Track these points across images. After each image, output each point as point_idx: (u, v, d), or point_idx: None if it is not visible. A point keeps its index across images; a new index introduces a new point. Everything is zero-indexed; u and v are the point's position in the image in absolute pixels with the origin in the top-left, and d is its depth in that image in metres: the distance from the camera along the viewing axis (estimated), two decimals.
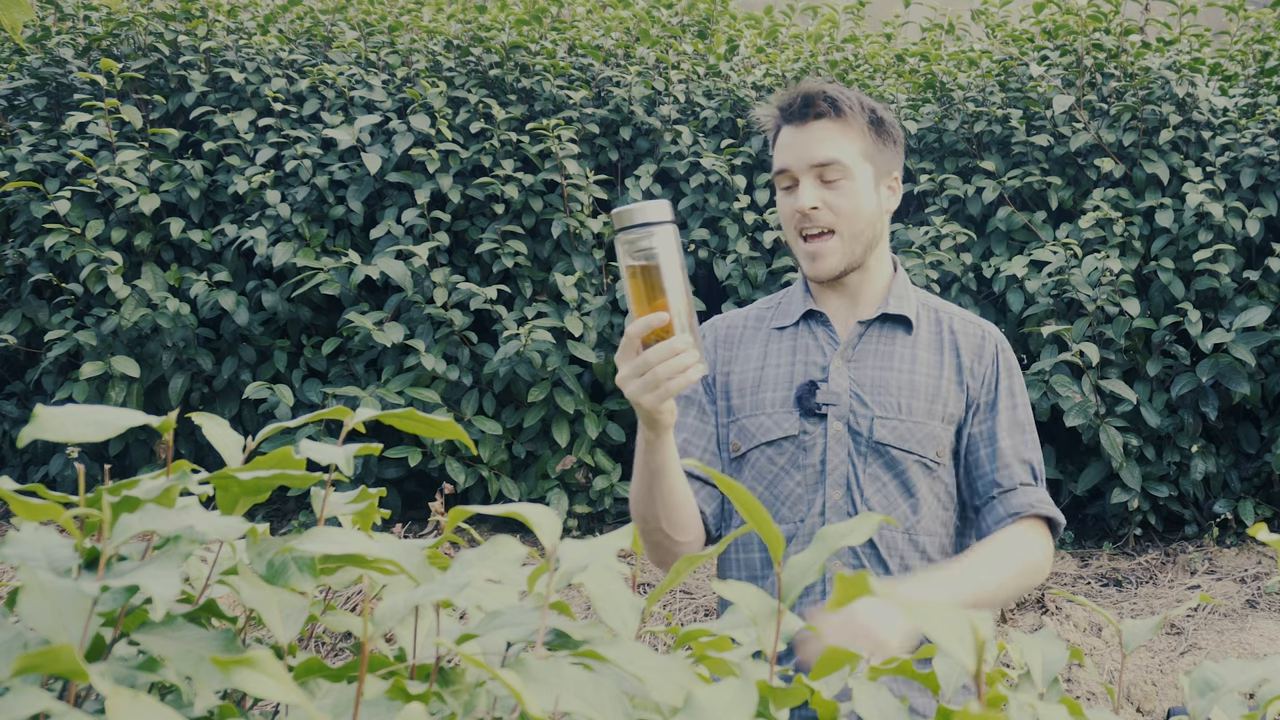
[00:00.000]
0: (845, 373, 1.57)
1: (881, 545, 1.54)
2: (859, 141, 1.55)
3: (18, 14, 2.09)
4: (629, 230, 1.24)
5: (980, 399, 1.59)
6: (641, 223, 1.23)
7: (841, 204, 1.53)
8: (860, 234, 1.55)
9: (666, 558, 1.52)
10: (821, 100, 1.54)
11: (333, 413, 0.75)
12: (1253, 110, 4.22)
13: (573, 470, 4.11)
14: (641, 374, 1.26)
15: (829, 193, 1.53)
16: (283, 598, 0.63)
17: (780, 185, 1.57)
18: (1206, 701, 0.68)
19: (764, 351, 1.63)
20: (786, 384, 1.58)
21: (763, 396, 1.59)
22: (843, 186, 1.53)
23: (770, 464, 1.57)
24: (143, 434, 4.12)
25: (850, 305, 1.62)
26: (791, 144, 1.55)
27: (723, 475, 0.64)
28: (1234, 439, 4.14)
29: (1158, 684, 3.14)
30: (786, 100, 1.57)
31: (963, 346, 1.60)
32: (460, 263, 4.26)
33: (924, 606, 0.47)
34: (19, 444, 0.61)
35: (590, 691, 0.53)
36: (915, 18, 4.98)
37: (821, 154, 1.52)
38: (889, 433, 1.54)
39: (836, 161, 1.52)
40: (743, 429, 1.60)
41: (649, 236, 1.23)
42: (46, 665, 0.46)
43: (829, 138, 1.53)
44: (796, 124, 1.55)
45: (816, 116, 1.54)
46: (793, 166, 1.54)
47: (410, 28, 4.54)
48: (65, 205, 3.98)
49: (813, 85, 1.56)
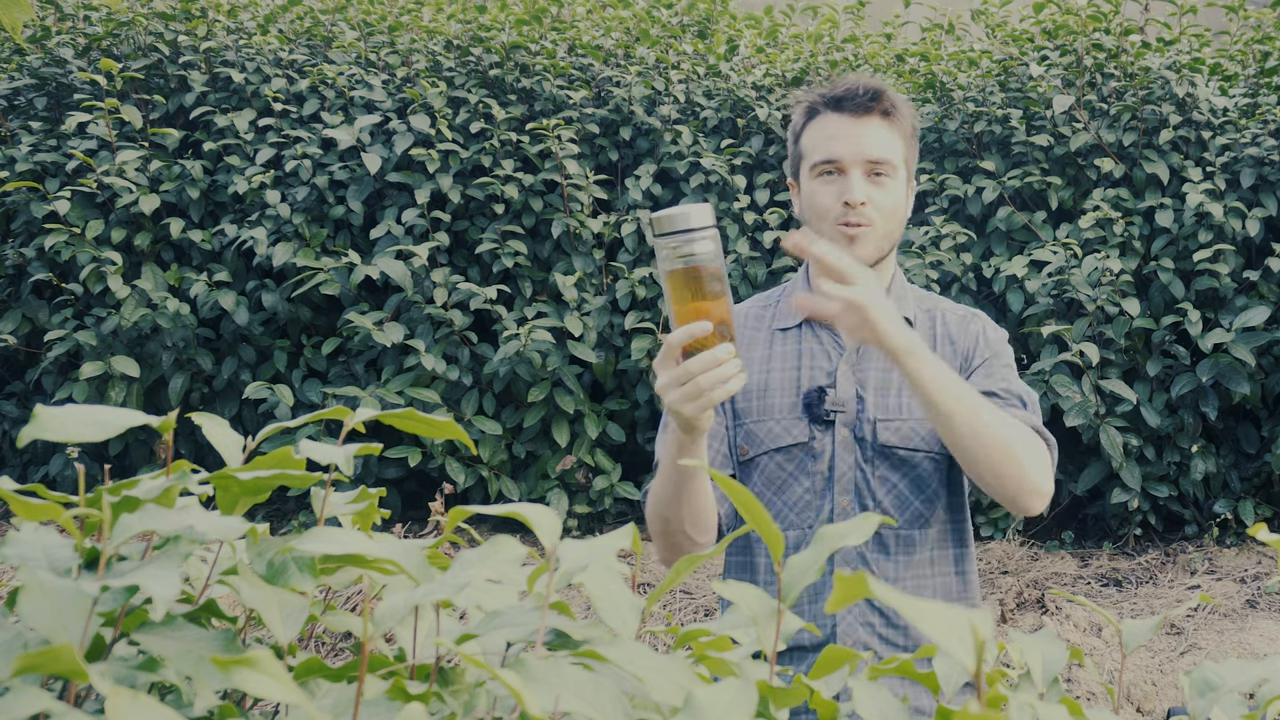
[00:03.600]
0: (852, 378, 1.57)
1: (890, 537, 1.55)
2: (902, 145, 1.56)
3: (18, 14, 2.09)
4: (671, 235, 1.21)
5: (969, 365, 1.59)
6: (686, 229, 1.20)
7: (885, 202, 1.53)
8: (891, 234, 1.57)
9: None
10: (885, 98, 1.54)
11: (333, 413, 0.75)
12: (1253, 110, 4.22)
13: (573, 470, 4.11)
14: (683, 383, 1.24)
15: (875, 189, 1.53)
16: (283, 598, 0.63)
17: (819, 171, 1.55)
18: (1206, 701, 0.68)
19: (768, 354, 1.62)
20: (794, 390, 1.58)
21: (770, 402, 1.59)
22: (888, 185, 1.54)
23: (779, 470, 1.57)
24: (143, 434, 4.12)
25: None
26: (844, 135, 1.54)
27: (724, 476, 0.64)
28: (1234, 439, 4.14)
29: (1158, 684, 3.14)
30: (845, 90, 1.56)
31: (955, 335, 1.61)
32: (460, 263, 4.26)
33: (924, 606, 0.47)
34: (19, 444, 0.61)
35: (590, 691, 0.53)
36: (915, 18, 4.98)
37: (878, 151, 1.53)
38: (893, 434, 1.54)
39: (889, 160, 1.53)
40: (750, 434, 1.59)
41: (691, 242, 1.20)
42: (46, 665, 0.46)
43: (884, 136, 1.54)
44: (851, 114, 1.54)
45: (882, 114, 1.54)
46: (845, 157, 1.53)
47: (410, 28, 4.54)
48: (65, 205, 3.98)
49: (873, 81, 1.56)
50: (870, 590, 0.49)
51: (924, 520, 1.56)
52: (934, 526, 1.57)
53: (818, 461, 1.55)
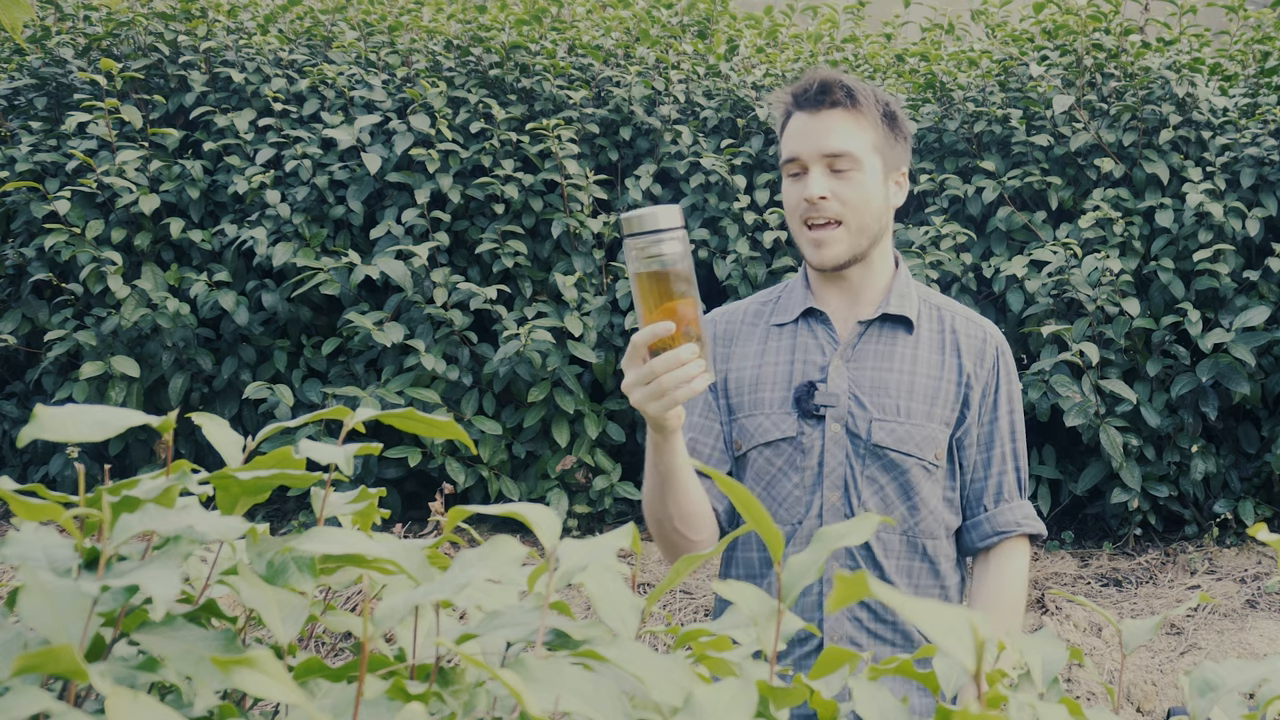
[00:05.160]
0: (844, 373, 1.56)
1: (878, 547, 1.53)
2: (871, 134, 1.52)
3: (18, 13, 2.09)
4: (638, 236, 1.21)
5: (979, 403, 1.58)
6: (652, 229, 1.21)
7: (850, 195, 1.51)
8: (866, 227, 1.53)
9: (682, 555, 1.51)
10: (838, 89, 1.52)
11: (332, 413, 0.75)
12: (1253, 110, 4.22)
13: (573, 470, 4.11)
14: (647, 382, 1.25)
15: (838, 183, 1.51)
16: (283, 598, 0.63)
17: (788, 173, 1.55)
18: (1206, 701, 0.68)
19: (762, 349, 1.61)
20: (785, 384, 1.57)
21: (761, 396, 1.58)
22: (852, 178, 1.51)
23: (768, 465, 1.56)
24: (143, 434, 4.12)
25: (851, 303, 1.60)
26: (803, 131, 1.52)
27: (723, 475, 0.64)
28: (1234, 439, 4.14)
29: (1158, 684, 3.14)
30: (801, 87, 1.54)
31: (964, 349, 1.59)
32: (460, 263, 4.26)
33: (923, 606, 0.47)
34: (19, 444, 0.61)
35: (590, 691, 0.53)
36: (915, 18, 4.98)
37: (834, 144, 1.50)
38: (887, 435, 1.53)
39: (848, 153, 1.50)
40: (742, 428, 1.59)
41: (659, 243, 1.21)
42: (46, 665, 0.46)
43: (842, 127, 1.51)
44: (810, 111, 1.53)
45: (831, 105, 1.51)
46: (803, 154, 1.51)
47: (410, 28, 4.54)
48: (65, 205, 3.98)
49: (829, 74, 1.54)
50: (871, 590, 0.49)
51: (909, 528, 1.55)
52: (921, 539, 1.55)
53: (807, 457, 1.54)
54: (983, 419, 1.59)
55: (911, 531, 1.55)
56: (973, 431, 1.58)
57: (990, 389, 1.59)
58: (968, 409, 1.58)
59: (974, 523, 1.60)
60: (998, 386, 1.59)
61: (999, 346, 1.61)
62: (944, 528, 1.58)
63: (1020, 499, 1.61)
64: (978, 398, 1.58)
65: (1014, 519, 1.58)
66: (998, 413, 1.59)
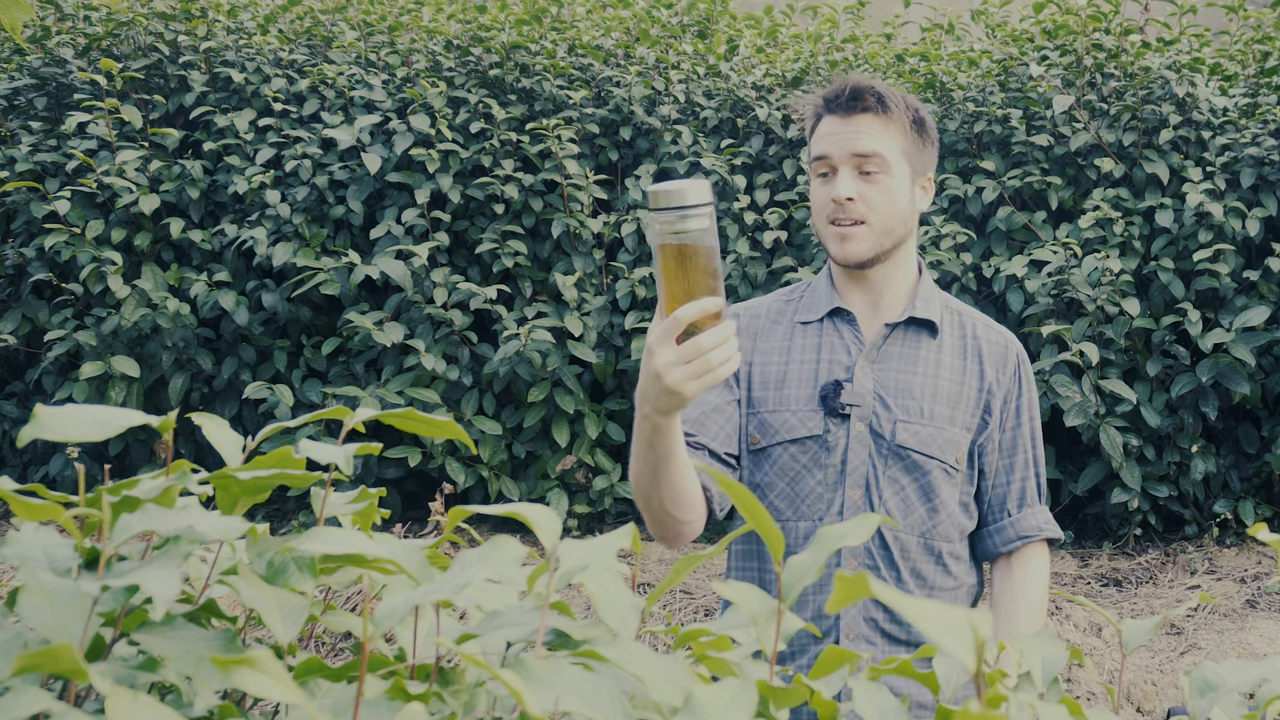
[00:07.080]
0: (870, 374, 1.57)
1: (895, 548, 1.55)
2: (900, 139, 1.55)
3: (18, 13, 2.09)
4: (668, 211, 1.16)
5: (1001, 411, 1.61)
6: (682, 205, 1.16)
7: (876, 198, 1.53)
8: (891, 229, 1.55)
9: (669, 534, 1.49)
10: (869, 95, 1.54)
11: (332, 412, 0.75)
12: (1253, 110, 4.22)
13: (573, 470, 4.11)
14: (689, 361, 1.19)
15: (865, 185, 1.53)
16: (283, 598, 0.63)
17: (816, 172, 1.57)
18: (1206, 701, 0.68)
19: (788, 346, 1.62)
20: (811, 382, 1.58)
21: (787, 393, 1.59)
22: (880, 180, 1.53)
23: (793, 461, 1.57)
24: (143, 434, 4.12)
25: (875, 304, 1.62)
26: (834, 133, 1.55)
27: (724, 476, 0.64)
28: (1234, 439, 4.14)
29: (1158, 684, 3.14)
30: (834, 91, 1.57)
31: (986, 355, 1.61)
32: (460, 263, 4.26)
33: (923, 606, 0.47)
34: (19, 444, 0.61)
35: (590, 691, 0.53)
36: (915, 18, 4.98)
37: (863, 145, 1.52)
38: (911, 437, 1.55)
39: (877, 155, 1.52)
40: (764, 424, 1.59)
41: (688, 219, 1.16)
42: (46, 665, 0.46)
43: (872, 131, 1.53)
44: (841, 114, 1.55)
45: (863, 110, 1.54)
46: (833, 154, 1.53)
47: (410, 28, 4.54)
48: (65, 205, 3.98)
49: (861, 79, 1.56)
50: (871, 590, 0.49)
51: (927, 530, 1.56)
52: (938, 542, 1.57)
53: (831, 455, 1.56)
54: (1005, 425, 1.61)
55: (929, 534, 1.56)
56: (994, 438, 1.61)
57: (1013, 396, 1.62)
58: (989, 415, 1.60)
59: (997, 528, 1.63)
60: (1020, 393, 1.63)
61: (1019, 354, 1.64)
62: (959, 531, 1.60)
63: (1040, 504, 1.64)
64: (999, 404, 1.61)
65: (1036, 524, 1.62)
66: (1020, 419, 1.62)
